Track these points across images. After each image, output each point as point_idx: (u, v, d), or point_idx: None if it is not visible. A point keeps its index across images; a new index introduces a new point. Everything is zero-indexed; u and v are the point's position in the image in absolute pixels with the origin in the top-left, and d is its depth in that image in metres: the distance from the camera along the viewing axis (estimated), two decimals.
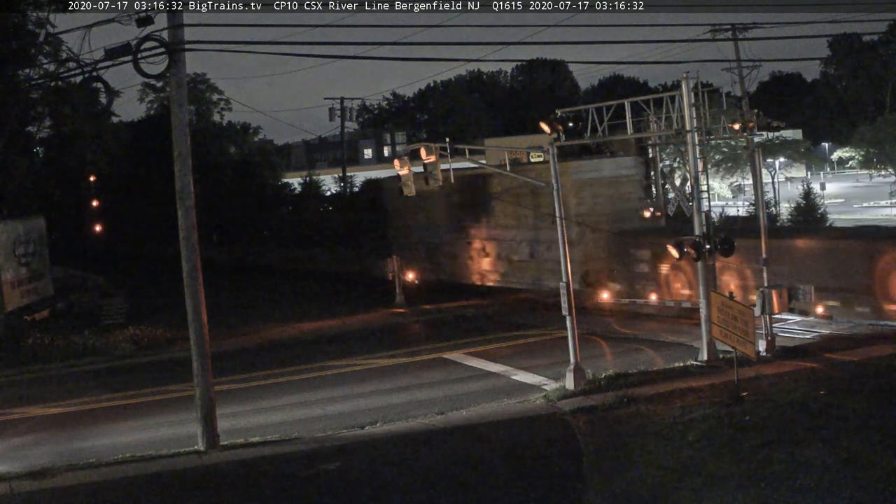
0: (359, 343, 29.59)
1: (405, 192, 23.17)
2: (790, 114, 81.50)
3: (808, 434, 15.60)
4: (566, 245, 21.40)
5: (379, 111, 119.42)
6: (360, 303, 38.17)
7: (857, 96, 76.19)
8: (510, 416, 19.19)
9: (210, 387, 18.59)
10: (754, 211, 41.05)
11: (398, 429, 18.93)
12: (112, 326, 33.30)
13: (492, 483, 15.13)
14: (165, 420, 21.18)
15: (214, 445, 18.20)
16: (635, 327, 28.28)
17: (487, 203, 39.18)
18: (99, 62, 18.60)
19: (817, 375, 19.80)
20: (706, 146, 23.12)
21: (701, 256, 22.13)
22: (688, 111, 22.57)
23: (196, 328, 18.57)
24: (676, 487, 13.88)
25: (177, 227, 18.65)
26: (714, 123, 24.17)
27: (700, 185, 22.44)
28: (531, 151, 36.96)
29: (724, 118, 24.99)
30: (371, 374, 24.58)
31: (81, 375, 27.33)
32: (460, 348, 26.86)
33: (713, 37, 51.60)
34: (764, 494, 13.19)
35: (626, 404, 18.79)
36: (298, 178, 76.08)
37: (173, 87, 18.49)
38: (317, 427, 19.45)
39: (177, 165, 18.59)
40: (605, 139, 25.64)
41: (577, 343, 21.02)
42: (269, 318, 35.78)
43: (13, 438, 20.25)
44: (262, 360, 27.80)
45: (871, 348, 21.96)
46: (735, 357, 19.03)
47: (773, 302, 22.28)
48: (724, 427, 16.54)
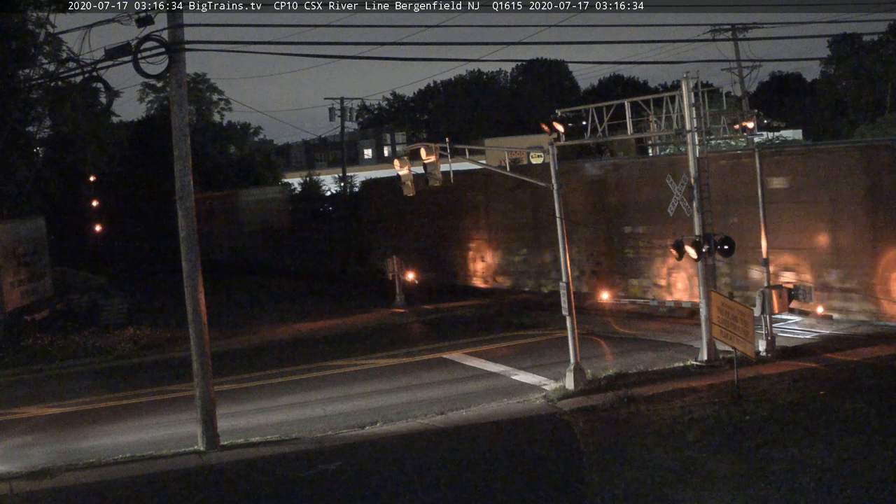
0: (359, 343, 29.59)
1: (405, 192, 23.18)
2: (790, 114, 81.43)
3: (807, 434, 15.62)
4: (566, 245, 21.41)
5: (379, 111, 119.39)
6: (360, 303, 38.16)
7: (857, 96, 76.05)
8: (510, 416, 19.20)
9: (210, 387, 18.60)
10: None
11: (398, 429, 18.94)
12: (112, 326, 33.29)
13: (492, 483, 15.13)
14: (165, 420, 21.19)
15: (214, 445, 18.21)
16: (635, 327, 28.28)
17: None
18: (99, 62, 18.64)
19: (817, 375, 19.81)
20: (706, 146, 23.07)
21: (701, 256, 22.13)
22: (688, 111, 22.57)
23: (196, 328, 18.58)
24: (676, 487, 13.89)
25: (176, 227, 18.67)
26: (714, 123, 24.17)
27: (700, 184, 22.43)
28: (531, 151, 36.97)
29: (724, 118, 24.99)
30: (371, 374, 24.58)
31: (81, 375, 27.33)
32: (460, 348, 26.86)
33: (713, 37, 51.67)
34: (763, 494, 13.21)
35: (626, 404, 18.79)
36: (298, 178, 76.12)
37: (173, 87, 18.49)
38: (317, 427, 19.45)
39: (177, 165, 18.59)
40: (605, 139, 25.62)
41: (577, 343, 21.03)
42: (268, 318, 35.78)
43: (13, 438, 20.25)
44: (262, 360, 27.81)
45: (871, 348, 21.98)
46: (735, 357, 19.05)
47: (773, 302, 22.30)
48: (724, 427, 16.56)
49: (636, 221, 32.06)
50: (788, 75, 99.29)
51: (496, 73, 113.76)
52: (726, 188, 27.34)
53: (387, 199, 45.64)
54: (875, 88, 73.58)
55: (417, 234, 43.69)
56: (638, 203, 31.74)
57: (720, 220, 25.58)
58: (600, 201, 33.54)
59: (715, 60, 59.84)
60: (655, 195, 28.15)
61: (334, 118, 67.60)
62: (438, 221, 42.07)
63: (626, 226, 32.51)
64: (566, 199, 22.72)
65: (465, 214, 40.41)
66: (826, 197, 26.10)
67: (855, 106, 74.86)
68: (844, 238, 25.75)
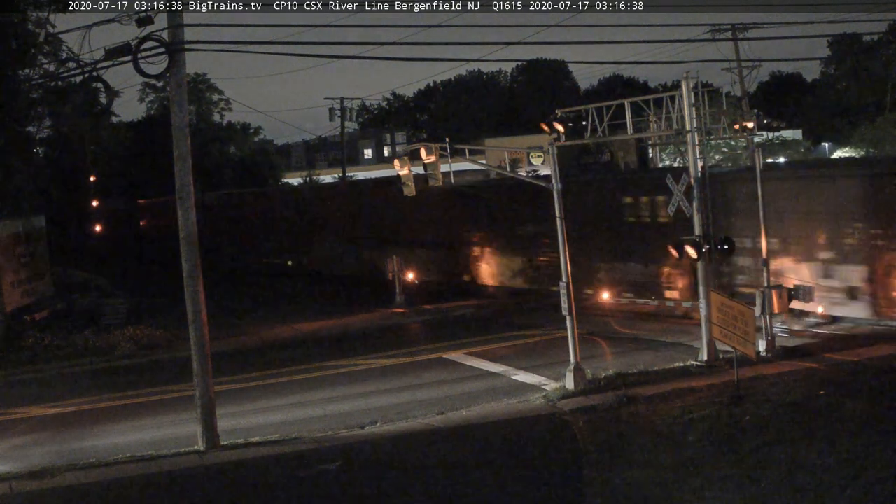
0: (359, 343, 29.59)
1: (405, 192, 23.19)
2: (790, 114, 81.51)
3: (807, 434, 15.62)
4: (566, 245, 21.41)
5: (379, 111, 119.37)
6: (360, 303, 38.15)
7: (857, 96, 76.12)
8: (510, 416, 19.21)
9: (210, 387, 18.61)
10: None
11: (398, 429, 18.94)
12: (112, 326, 33.27)
13: (491, 483, 15.14)
14: (165, 420, 21.19)
15: (214, 445, 18.21)
16: (635, 327, 28.29)
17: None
18: (99, 62, 18.63)
19: (817, 375, 19.81)
20: (706, 146, 23.07)
21: (701, 256, 22.14)
22: (688, 111, 22.57)
23: (196, 328, 18.58)
24: (676, 487, 13.89)
25: (176, 227, 18.67)
26: (714, 123, 24.17)
27: (700, 184, 22.44)
28: (531, 152, 36.93)
29: (724, 118, 24.99)
30: (371, 374, 24.59)
31: (81, 375, 27.32)
32: (460, 348, 26.86)
33: (713, 37, 51.72)
34: (764, 494, 13.20)
35: (626, 404, 18.80)
36: (298, 178, 76.16)
37: (173, 87, 18.50)
38: (317, 427, 19.45)
39: (177, 165, 18.60)
40: (605, 139, 25.62)
41: (577, 343, 21.03)
42: (268, 319, 35.76)
43: (13, 438, 20.25)
44: (262, 360, 27.80)
45: (871, 348, 21.98)
46: (735, 357, 19.05)
47: (773, 302, 22.31)
48: (724, 427, 16.56)
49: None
50: (788, 75, 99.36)
51: (496, 73, 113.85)
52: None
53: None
54: (875, 88, 73.61)
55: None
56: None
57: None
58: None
59: (715, 60, 59.90)
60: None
61: (334, 118, 67.62)
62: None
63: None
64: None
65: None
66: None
67: (855, 106, 74.87)
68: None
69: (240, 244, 57.57)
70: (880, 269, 24.77)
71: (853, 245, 25.46)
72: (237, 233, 58.02)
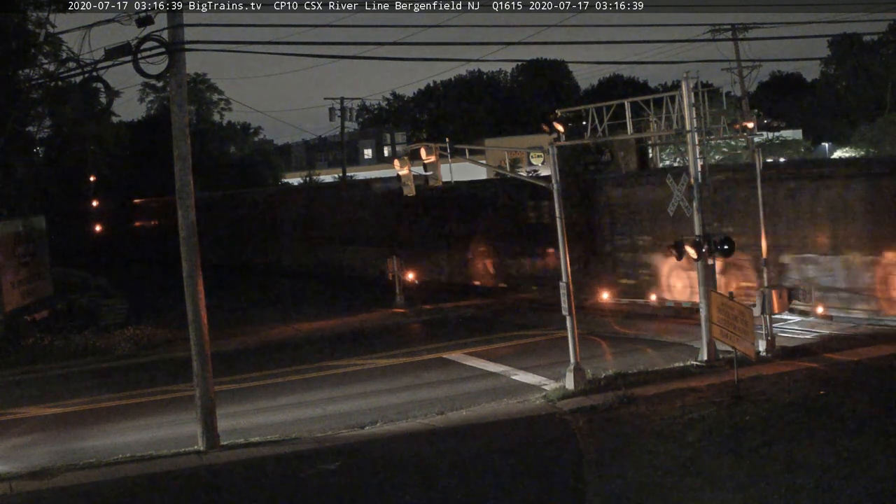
0: (359, 343, 29.59)
1: (405, 192, 23.20)
2: (790, 114, 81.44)
3: (807, 434, 15.62)
4: (566, 245, 21.40)
5: (379, 111, 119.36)
6: (360, 303, 38.15)
7: (857, 96, 76.13)
8: (510, 416, 19.20)
9: (210, 387, 18.60)
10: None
11: (398, 429, 18.94)
12: (112, 326, 33.28)
13: (491, 483, 15.13)
14: (165, 420, 21.19)
15: (214, 445, 18.21)
16: (635, 327, 28.29)
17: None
18: (99, 62, 18.64)
19: (817, 375, 19.81)
20: (706, 146, 23.07)
21: (701, 256, 22.13)
22: (688, 111, 22.57)
23: (196, 328, 18.58)
24: (676, 487, 13.89)
25: (176, 227, 18.66)
26: (714, 123, 24.17)
27: (700, 184, 22.44)
28: (531, 152, 36.97)
29: (724, 118, 24.99)
30: (371, 374, 24.58)
31: (81, 375, 27.32)
32: (460, 348, 26.86)
33: (713, 37, 51.71)
34: (763, 494, 13.20)
35: (626, 404, 18.79)
36: (298, 178, 76.18)
37: (173, 87, 18.49)
38: (317, 427, 19.45)
39: (177, 165, 18.59)
40: (605, 139, 25.62)
41: (577, 343, 21.02)
42: (268, 319, 35.75)
43: (13, 438, 20.25)
44: (261, 361, 27.80)
45: (871, 348, 21.98)
46: (735, 357, 19.04)
47: (773, 302, 22.30)
48: (724, 427, 16.56)
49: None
50: (788, 75, 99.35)
51: (496, 73, 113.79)
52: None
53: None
54: (875, 88, 73.60)
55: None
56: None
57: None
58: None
59: (715, 60, 59.92)
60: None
61: (334, 118, 67.68)
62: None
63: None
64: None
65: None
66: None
67: (855, 106, 74.88)
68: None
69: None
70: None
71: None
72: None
